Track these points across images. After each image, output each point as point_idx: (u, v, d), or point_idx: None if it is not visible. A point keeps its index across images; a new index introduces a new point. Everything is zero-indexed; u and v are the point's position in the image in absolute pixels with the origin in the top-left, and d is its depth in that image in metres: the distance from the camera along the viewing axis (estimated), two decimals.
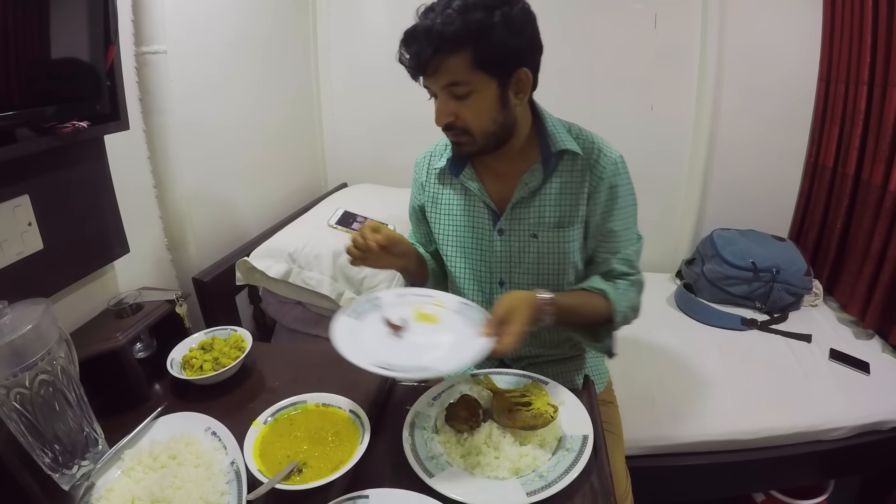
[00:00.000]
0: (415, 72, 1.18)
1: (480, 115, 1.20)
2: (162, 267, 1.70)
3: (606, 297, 1.29)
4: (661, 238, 2.80)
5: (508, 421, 1.08)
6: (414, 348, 1.08)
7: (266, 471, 0.93)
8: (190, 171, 1.69)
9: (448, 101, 1.19)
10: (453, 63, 1.13)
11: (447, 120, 1.20)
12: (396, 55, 1.19)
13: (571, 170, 1.31)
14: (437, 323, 1.16)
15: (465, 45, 1.12)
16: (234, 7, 1.93)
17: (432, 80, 1.17)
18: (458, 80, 1.15)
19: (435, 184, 1.46)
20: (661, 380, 1.93)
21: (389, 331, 1.11)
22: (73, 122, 1.13)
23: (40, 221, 1.17)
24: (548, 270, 1.37)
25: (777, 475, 1.82)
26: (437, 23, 1.11)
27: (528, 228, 1.34)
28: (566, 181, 1.31)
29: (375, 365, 0.97)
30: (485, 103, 1.19)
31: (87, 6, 1.10)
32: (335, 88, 2.69)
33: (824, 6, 2.37)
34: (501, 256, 1.37)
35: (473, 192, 1.37)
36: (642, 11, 2.46)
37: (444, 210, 1.44)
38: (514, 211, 1.33)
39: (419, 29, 1.13)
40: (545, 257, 1.35)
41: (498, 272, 1.39)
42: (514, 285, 1.39)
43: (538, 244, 1.34)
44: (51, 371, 0.90)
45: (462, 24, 1.10)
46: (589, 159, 1.30)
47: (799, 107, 2.54)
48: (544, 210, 1.32)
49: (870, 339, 2.16)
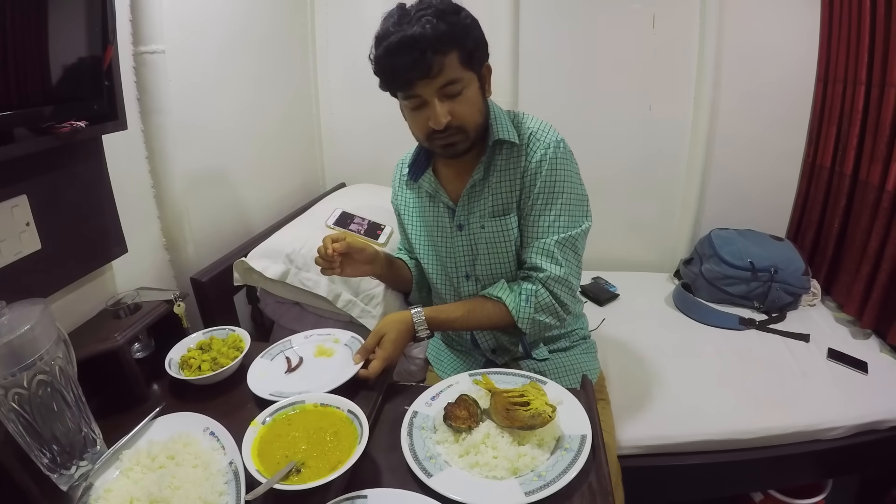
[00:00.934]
0: (410, 77, 1.21)
1: (473, 109, 1.29)
2: (160, 267, 1.69)
3: (503, 304, 1.38)
4: (660, 238, 2.80)
5: (506, 420, 1.08)
6: (301, 379, 1.27)
7: (264, 471, 0.92)
8: (188, 170, 1.69)
9: (443, 102, 1.24)
10: (448, 63, 1.20)
11: (447, 119, 1.24)
12: (375, 67, 1.26)
13: (508, 158, 1.38)
14: (330, 356, 1.35)
15: (454, 44, 1.20)
16: (232, 7, 1.93)
17: (428, 84, 1.22)
18: (453, 78, 1.22)
19: (404, 190, 1.59)
20: (659, 379, 1.93)
21: (286, 367, 1.32)
22: (71, 121, 1.12)
23: (38, 221, 1.16)
24: (499, 259, 1.44)
25: (775, 475, 1.82)
26: (426, 29, 1.15)
27: (478, 220, 1.42)
28: (503, 169, 1.38)
29: (269, 393, 1.18)
30: (474, 97, 1.29)
31: (85, 6, 1.09)
32: (333, 88, 2.69)
33: (822, 6, 2.37)
34: (463, 251, 1.47)
35: (433, 195, 1.48)
36: (641, 11, 2.46)
37: (413, 213, 1.57)
38: (467, 206, 1.43)
39: (406, 38, 1.17)
40: (493, 247, 1.43)
41: (462, 266, 1.50)
42: (478, 277, 1.48)
43: (486, 234, 1.42)
44: (49, 371, 0.90)
45: (447, 26, 1.17)
46: (526, 147, 1.37)
47: (797, 107, 2.55)
48: (486, 200, 1.40)
49: (867, 338, 2.16)
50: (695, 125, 2.58)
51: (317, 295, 1.66)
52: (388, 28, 1.21)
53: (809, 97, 2.52)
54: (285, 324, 1.83)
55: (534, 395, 1.10)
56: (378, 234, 1.88)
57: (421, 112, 1.27)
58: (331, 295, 1.66)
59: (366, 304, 1.69)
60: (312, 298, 1.70)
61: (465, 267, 1.49)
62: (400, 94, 1.29)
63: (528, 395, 1.10)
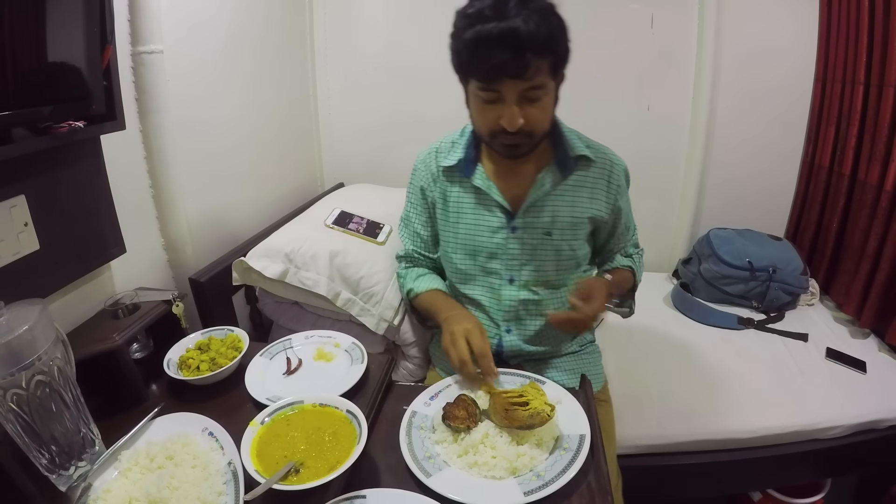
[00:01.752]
0: (500, 74, 1.15)
1: (545, 116, 1.26)
2: (158, 267, 1.69)
3: (632, 270, 1.56)
4: (658, 237, 2.80)
5: (505, 421, 1.08)
6: (300, 383, 1.27)
7: (263, 471, 0.92)
8: (186, 170, 1.68)
9: (521, 105, 1.20)
10: (539, 66, 1.15)
11: (521, 124, 1.20)
12: (458, 47, 1.18)
13: (585, 174, 1.41)
14: (330, 361, 1.34)
15: (551, 49, 1.15)
16: (230, 7, 1.93)
17: (515, 85, 1.17)
18: (540, 83, 1.18)
19: (443, 182, 1.49)
20: (657, 379, 1.93)
21: (286, 369, 1.31)
22: (70, 121, 1.12)
23: (36, 222, 1.16)
24: (558, 266, 1.45)
25: (774, 474, 1.82)
26: (530, 26, 1.09)
27: (543, 227, 1.40)
28: (579, 184, 1.40)
29: (266, 397, 1.18)
30: (550, 104, 1.27)
31: (83, 6, 1.09)
32: (332, 88, 2.69)
33: (821, 6, 2.38)
34: (514, 254, 1.44)
35: (485, 192, 1.42)
36: (639, 11, 2.46)
37: (452, 208, 1.48)
38: (530, 210, 1.40)
39: (508, 31, 1.09)
40: (557, 254, 1.43)
41: (508, 270, 1.46)
42: (524, 282, 1.46)
43: (552, 242, 1.42)
44: (47, 372, 0.90)
45: (548, 29, 1.12)
46: (603, 167, 1.42)
47: (795, 106, 2.55)
48: (559, 209, 1.40)
49: (866, 337, 2.17)
50: (693, 125, 2.58)
51: (316, 294, 1.66)
52: (482, 10, 1.12)
53: (808, 97, 2.52)
54: (284, 324, 1.83)
55: (532, 395, 1.11)
56: (377, 232, 1.88)
57: (493, 107, 1.22)
58: (330, 293, 1.65)
59: (365, 303, 1.68)
60: (312, 297, 1.70)
61: (511, 271, 1.46)
62: (476, 83, 1.22)
63: (527, 396, 1.10)
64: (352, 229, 1.86)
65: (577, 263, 1.48)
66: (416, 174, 1.56)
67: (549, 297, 1.48)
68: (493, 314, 1.51)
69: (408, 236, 1.64)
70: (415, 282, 1.58)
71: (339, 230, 1.84)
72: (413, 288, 1.57)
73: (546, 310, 1.46)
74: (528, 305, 1.48)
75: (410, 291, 1.57)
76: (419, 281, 1.58)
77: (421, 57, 2.53)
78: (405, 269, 1.66)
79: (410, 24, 2.54)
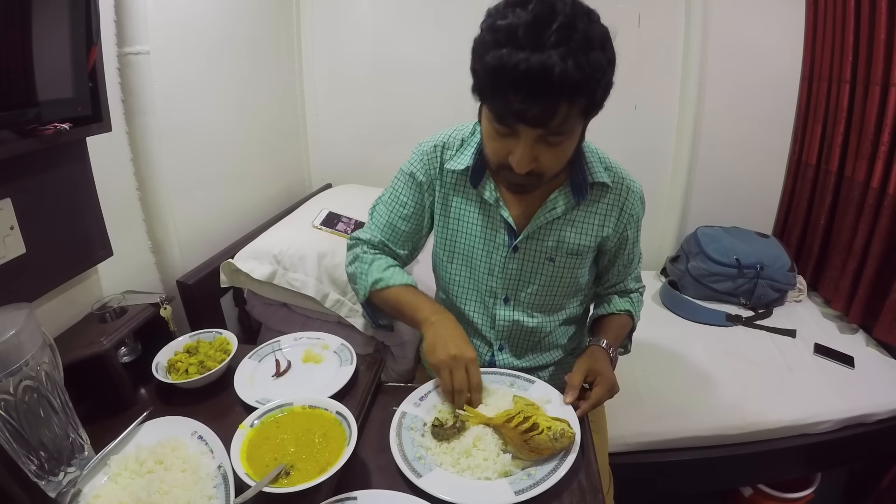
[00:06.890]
0: (522, 117, 0.98)
1: (560, 161, 1.11)
2: (146, 270, 1.68)
3: (630, 315, 1.48)
4: (646, 236, 2.75)
5: (533, 454, 1.03)
6: (289, 385, 1.27)
7: (253, 474, 0.92)
8: (173, 172, 1.67)
9: (535, 147, 1.05)
10: (569, 112, 0.99)
11: (531, 167, 1.07)
12: (480, 69, 0.99)
13: (599, 201, 1.31)
14: (319, 363, 1.34)
15: (586, 92, 0.98)
16: (217, 8, 1.92)
17: (535, 129, 1.01)
18: (563, 129, 1.02)
19: (446, 185, 1.36)
20: (647, 376, 1.94)
21: (275, 371, 1.31)
22: (55, 123, 1.11)
23: (22, 225, 1.15)
24: (556, 293, 1.38)
25: (764, 469, 1.83)
26: (567, 66, 0.91)
27: (546, 251, 1.31)
28: (592, 211, 1.31)
29: (255, 400, 1.17)
30: (570, 147, 1.12)
31: (68, 7, 1.08)
32: (319, 89, 2.68)
33: (807, 5, 2.40)
34: (512, 274, 1.35)
35: (492, 206, 1.31)
36: (626, 11, 2.47)
37: (453, 215, 1.37)
38: (535, 233, 1.30)
39: (538, 70, 0.91)
40: (558, 280, 1.35)
41: (504, 289, 1.37)
42: (519, 303, 1.38)
43: (553, 267, 1.33)
44: (35, 377, 0.89)
45: (590, 68, 0.95)
46: (619, 194, 1.32)
47: (782, 105, 2.58)
48: (565, 235, 1.31)
49: (854, 333, 2.19)
50: (680, 124, 2.60)
51: (305, 295, 1.66)
52: (516, 29, 0.93)
53: (795, 95, 2.55)
54: (272, 325, 1.82)
55: (532, 413, 1.06)
56: None
57: (506, 141, 1.07)
58: (319, 295, 1.65)
59: (353, 304, 1.68)
60: (300, 299, 1.69)
61: (507, 290, 1.36)
62: (492, 115, 1.05)
63: (527, 415, 1.05)
64: (340, 230, 1.86)
65: (577, 290, 1.41)
66: (413, 164, 1.37)
67: (545, 322, 1.41)
68: (485, 333, 1.43)
69: (381, 225, 1.42)
70: (384, 272, 1.37)
71: (327, 231, 1.84)
72: (381, 278, 1.36)
73: (539, 334, 1.42)
74: (522, 327, 1.40)
75: (377, 282, 1.36)
76: (390, 272, 1.37)
77: (409, 57, 2.53)
78: (372, 254, 1.42)
79: (398, 24, 2.53)
